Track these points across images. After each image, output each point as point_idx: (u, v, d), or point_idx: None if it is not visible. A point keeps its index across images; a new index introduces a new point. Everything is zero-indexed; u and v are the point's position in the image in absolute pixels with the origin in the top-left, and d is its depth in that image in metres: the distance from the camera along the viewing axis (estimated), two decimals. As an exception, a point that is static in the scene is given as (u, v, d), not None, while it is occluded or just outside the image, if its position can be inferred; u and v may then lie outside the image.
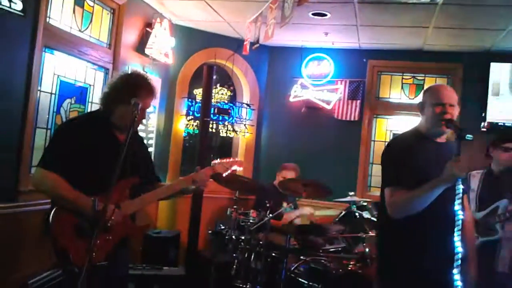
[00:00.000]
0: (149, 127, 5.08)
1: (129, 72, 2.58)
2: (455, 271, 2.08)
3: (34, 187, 2.34)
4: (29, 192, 3.26)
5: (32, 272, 3.28)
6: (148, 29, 4.71)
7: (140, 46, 4.66)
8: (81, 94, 3.96)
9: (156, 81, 5.04)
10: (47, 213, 2.24)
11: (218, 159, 2.75)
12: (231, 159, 2.79)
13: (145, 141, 4.86)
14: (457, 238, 2.11)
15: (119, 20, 4.34)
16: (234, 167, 2.79)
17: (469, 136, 2.19)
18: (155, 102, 5.11)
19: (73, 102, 3.87)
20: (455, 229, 2.11)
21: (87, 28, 3.97)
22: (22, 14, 3.00)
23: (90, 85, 4.08)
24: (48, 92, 3.58)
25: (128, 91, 2.35)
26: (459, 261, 2.08)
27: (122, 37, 4.37)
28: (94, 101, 4.12)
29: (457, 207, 2.13)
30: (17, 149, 3.21)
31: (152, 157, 5.09)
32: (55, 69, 3.63)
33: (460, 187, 2.14)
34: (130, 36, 4.55)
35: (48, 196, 2.31)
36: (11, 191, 3.18)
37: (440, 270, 2.19)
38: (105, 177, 2.09)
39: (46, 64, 3.50)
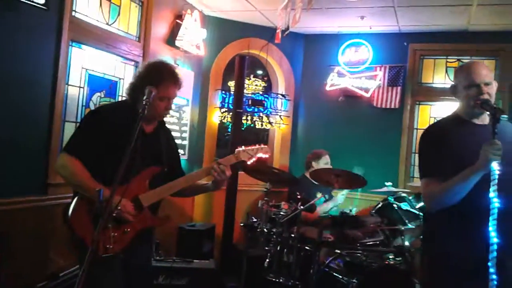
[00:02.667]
0: (183, 120, 5.06)
1: (154, 61, 2.53)
2: (489, 264, 1.88)
3: (56, 171, 2.34)
4: (58, 185, 3.30)
5: (64, 265, 3.34)
6: (178, 21, 4.68)
7: (171, 39, 4.64)
8: (110, 87, 3.98)
9: (188, 74, 5.03)
10: (67, 204, 2.24)
11: (243, 147, 2.65)
12: (256, 146, 2.67)
13: (179, 134, 4.95)
14: (491, 228, 1.91)
15: (148, 12, 4.33)
16: (259, 155, 2.67)
17: (504, 117, 2.00)
18: (188, 95, 5.08)
19: (102, 95, 3.90)
20: (490, 218, 1.91)
21: (115, 21, 3.98)
22: (45, 8, 3.02)
23: (120, 79, 4.09)
24: (77, 86, 3.61)
25: (150, 79, 2.30)
26: (494, 253, 1.88)
27: (151, 29, 4.36)
28: (125, 95, 4.12)
29: (492, 194, 1.93)
30: (46, 142, 3.25)
31: (186, 151, 5.14)
32: (83, 63, 3.65)
33: (496, 172, 1.94)
34: (160, 28, 4.54)
35: (67, 182, 2.30)
36: (41, 184, 3.23)
37: (476, 262, 2.00)
38: (128, 167, 2.06)
39: (73, 58, 3.53)
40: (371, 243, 4.10)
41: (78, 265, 2.45)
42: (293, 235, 3.73)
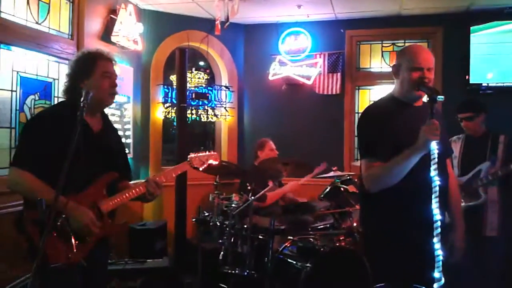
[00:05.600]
0: (125, 118, 4.93)
1: (79, 52, 2.44)
2: (435, 239, 1.97)
3: (9, 188, 2.20)
4: (-1, 194, 3.13)
5: (11, 277, 3.17)
6: (112, 16, 4.52)
7: (106, 35, 4.48)
8: (45, 89, 3.80)
9: (127, 70, 4.90)
10: (20, 212, 2.13)
11: (195, 153, 2.66)
12: (207, 153, 2.71)
13: (122, 133, 4.82)
14: (435, 205, 2.00)
15: (80, 9, 4.15)
16: (210, 161, 2.71)
17: (440, 97, 2.08)
18: (129, 91, 4.95)
19: (37, 98, 3.71)
20: (433, 196, 2.00)
21: (45, 19, 3.78)
22: (-35, 9, 2.82)
23: (54, 79, 3.91)
24: (8, 90, 3.42)
25: (84, 67, 2.27)
26: (439, 229, 1.97)
27: (84, 26, 4.19)
28: (61, 96, 3.95)
29: (433, 173, 2.01)
30: (-21, 151, 3.07)
31: (131, 149, 5.02)
32: (13, 65, 3.46)
33: (435, 152, 2.03)
34: (93, 25, 4.37)
35: (23, 196, 2.17)
36: (-23, 196, 3.04)
37: (421, 239, 2.08)
38: (82, 170, 2.05)
39: (2, 60, 3.34)
40: (321, 226, 4.20)
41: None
42: (246, 226, 3.75)
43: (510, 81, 5.02)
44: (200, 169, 2.66)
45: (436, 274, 1.91)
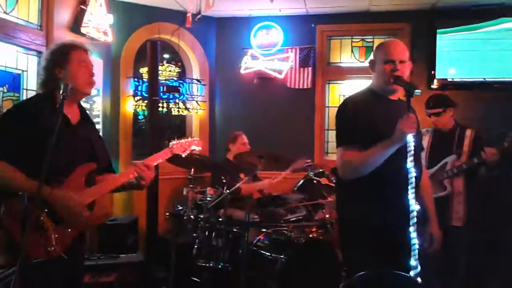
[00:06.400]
0: (94, 111, 4.82)
1: (53, 45, 2.42)
2: (411, 229, 2.06)
3: None
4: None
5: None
6: (82, 6, 4.40)
7: (75, 26, 4.36)
8: (14, 81, 3.68)
9: (97, 62, 4.78)
10: None
11: (176, 140, 2.63)
12: (189, 139, 2.69)
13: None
14: (411, 195, 2.08)
15: (49, -2, 4.03)
16: (193, 147, 2.69)
17: (417, 92, 2.17)
18: (98, 84, 4.84)
19: (5, 90, 3.59)
20: (409, 187, 2.08)
21: (13, 9, 3.66)
22: None
23: (23, 71, 3.79)
24: (-25, 82, 3.31)
25: (58, 58, 2.25)
26: (415, 219, 2.06)
27: (54, 17, 4.06)
28: (30, 88, 3.84)
29: (409, 164, 2.10)
30: None
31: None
32: (-20, 56, 3.34)
33: (412, 144, 2.11)
34: (63, 15, 4.25)
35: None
36: None
37: (397, 228, 2.16)
38: (60, 162, 2.04)
39: (-32, 51, 3.21)
40: (294, 219, 4.27)
41: (12, 271, 2.28)
42: (220, 219, 3.78)
43: (473, 76, 5.22)
44: (183, 155, 2.64)
45: (413, 262, 2.01)
